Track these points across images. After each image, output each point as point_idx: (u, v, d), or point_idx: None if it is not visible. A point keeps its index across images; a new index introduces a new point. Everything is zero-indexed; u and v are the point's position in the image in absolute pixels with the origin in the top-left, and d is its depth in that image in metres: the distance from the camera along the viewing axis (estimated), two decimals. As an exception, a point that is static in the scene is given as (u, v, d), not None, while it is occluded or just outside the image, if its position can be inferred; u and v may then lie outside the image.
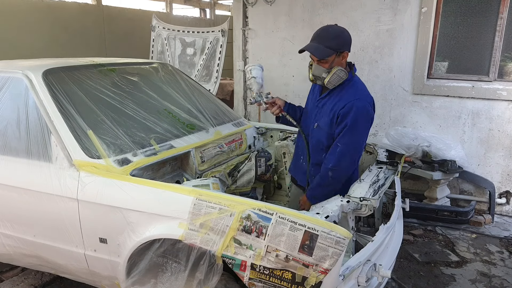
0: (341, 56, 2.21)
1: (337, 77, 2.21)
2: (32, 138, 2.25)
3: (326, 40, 2.18)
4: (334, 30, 2.21)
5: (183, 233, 1.84)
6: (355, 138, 2.19)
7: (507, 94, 3.92)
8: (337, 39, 2.19)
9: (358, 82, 2.30)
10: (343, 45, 2.20)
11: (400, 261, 3.28)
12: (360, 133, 2.20)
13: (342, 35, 2.20)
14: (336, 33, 2.19)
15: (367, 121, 2.21)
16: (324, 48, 2.17)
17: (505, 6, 3.84)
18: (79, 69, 2.62)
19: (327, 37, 2.19)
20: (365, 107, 2.17)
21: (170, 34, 5.57)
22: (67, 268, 2.32)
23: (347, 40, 2.22)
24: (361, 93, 2.23)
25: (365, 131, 2.23)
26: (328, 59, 2.19)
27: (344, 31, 2.23)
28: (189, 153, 2.53)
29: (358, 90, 2.24)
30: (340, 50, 2.19)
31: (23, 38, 5.97)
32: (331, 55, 2.18)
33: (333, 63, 2.21)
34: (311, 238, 1.68)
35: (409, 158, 4.02)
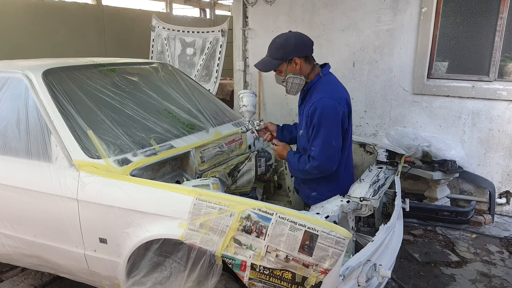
0: (293, 63, 2.20)
1: (291, 84, 2.23)
2: (32, 138, 2.25)
3: (273, 52, 2.22)
4: (280, 40, 2.22)
5: (183, 233, 1.84)
6: (325, 137, 2.15)
7: (507, 94, 3.92)
8: (282, 48, 2.19)
9: (325, 81, 2.27)
10: (290, 53, 2.18)
11: (400, 261, 3.28)
12: (329, 130, 2.14)
13: (286, 44, 2.19)
14: (281, 43, 2.20)
15: (334, 117, 2.14)
16: (271, 60, 2.22)
17: (505, 6, 3.84)
18: (79, 69, 2.62)
19: (273, 49, 2.23)
20: (328, 104, 2.13)
21: (170, 34, 5.57)
22: (67, 268, 2.32)
23: (293, 47, 2.19)
24: (325, 92, 2.19)
25: (334, 127, 2.16)
26: (280, 69, 2.23)
27: (288, 39, 2.20)
28: (189, 153, 2.53)
29: (323, 89, 2.21)
30: (288, 58, 2.19)
31: (23, 38, 5.97)
32: (278, 66, 2.21)
33: (286, 71, 2.22)
34: (311, 238, 1.68)
35: (409, 158, 4.02)
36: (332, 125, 2.15)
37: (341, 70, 4.59)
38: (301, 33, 2.28)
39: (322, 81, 2.26)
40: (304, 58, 2.22)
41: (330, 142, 2.15)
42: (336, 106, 2.14)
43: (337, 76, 4.88)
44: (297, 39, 2.21)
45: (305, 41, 2.23)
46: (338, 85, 2.31)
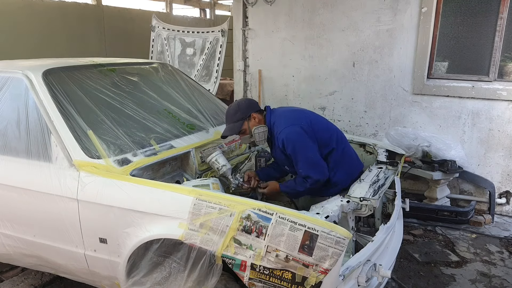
0: (251, 118, 2.53)
1: (258, 135, 2.53)
2: (32, 138, 2.25)
3: (232, 117, 2.54)
4: (233, 107, 2.58)
5: (183, 233, 1.84)
6: (303, 156, 2.41)
7: (507, 94, 3.92)
8: (238, 112, 2.53)
9: (275, 118, 2.54)
10: (245, 112, 2.52)
11: (400, 261, 3.28)
12: (302, 149, 2.40)
13: (239, 107, 2.54)
14: (235, 108, 2.55)
15: (299, 137, 2.41)
16: (234, 124, 2.52)
17: (505, 6, 3.84)
18: (79, 69, 2.62)
19: (231, 115, 2.55)
20: (288, 132, 2.41)
21: (170, 34, 5.57)
22: (67, 268, 2.32)
23: (246, 106, 2.55)
24: (280, 124, 2.48)
25: (304, 144, 2.41)
26: (244, 129, 2.53)
27: (240, 103, 2.59)
28: (189, 153, 2.53)
29: (277, 124, 2.50)
30: (246, 116, 2.52)
31: (23, 38, 5.97)
32: (241, 126, 2.52)
33: (249, 128, 2.53)
34: (311, 238, 1.68)
35: (409, 158, 4.02)
36: (301, 144, 2.40)
37: (341, 70, 4.59)
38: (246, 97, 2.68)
39: (274, 119, 2.54)
40: (258, 112, 2.55)
41: (308, 157, 2.41)
42: (294, 129, 2.41)
43: (337, 76, 4.92)
44: (246, 101, 2.60)
45: (252, 100, 2.63)
46: (286, 113, 2.58)
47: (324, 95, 4.74)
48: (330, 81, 4.68)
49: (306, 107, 4.83)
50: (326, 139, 2.50)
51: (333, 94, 4.69)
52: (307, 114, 2.59)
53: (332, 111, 4.74)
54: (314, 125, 2.49)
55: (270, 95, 5.09)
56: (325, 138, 2.50)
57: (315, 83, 4.77)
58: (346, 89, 4.62)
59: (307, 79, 4.81)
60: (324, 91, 4.73)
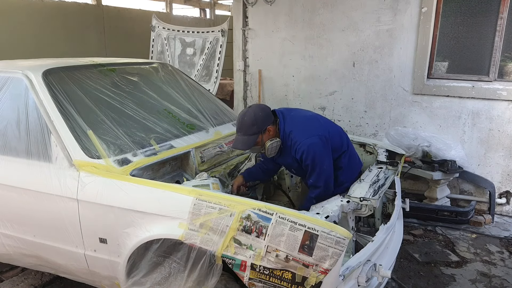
0: (266, 132, 2.38)
1: (271, 148, 2.39)
2: (32, 138, 2.25)
3: (247, 130, 2.36)
4: (249, 117, 2.36)
5: (183, 233, 1.84)
6: (319, 168, 2.35)
7: (507, 94, 3.92)
8: (255, 124, 2.34)
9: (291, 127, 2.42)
10: (262, 124, 2.36)
11: (400, 261, 3.28)
12: (320, 163, 2.35)
13: (257, 119, 2.35)
14: (251, 120, 2.34)
15: (320, 150, 2.34)
16: (248, 137, 2.36)
17: (505, 6, 3.84)
18: (79, 69, 2.62)
19: (246, 127, 2.36)
20: (309, 144, 2.32)
21: (170, 34, 5.57)
22: (67, 268, 2.32)
23: (263, 119, 2.37)
24: (298, 135, 2.38)
25: (323, 158, 2.36)
26: (257, 141, 2.39)
27: (257, 113, 2.37)
28: (189, 153, 2.53)
29: (295, 135, 2.39)
30: (262, 130, 2.37)
31: (23, 38, 5.97)
32: (256, 140, 2.37)
33: (263, 140, 2.40)
34: (311, 238, 1.68)
35: (409, 158, 4.02)
36: (320, 156, 2.34)
37: (341, 70, 4.59)
38: (259, 104, 2.53)
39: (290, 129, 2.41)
40: (272, 123, 2.41)
41: (324, 170, 2.36)
42: (315, 141, 2.33)
43: (337, 76, 4.91)
44: (263, 112, 2.39)
45: (267, 110, 2.43)
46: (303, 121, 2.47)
47: (324, 95, 4.74)
48: (330, 81, 4.68)
49: (306, 107, 4.84)
50: (339, 144, 2.48)
51: (333, 94, 4.69)
52: (321, 122, 2.52)
53: (332, 111, 4.74)
54: (330, 132, 2.45)
55: (270, 95, 5.09)
56: (338, 143, 2.48)
57: (315, 83, 4.77)
58: (346, 89, 4.62)
59: (307, 79, 4.81)
60: (324, 91, 4.73)
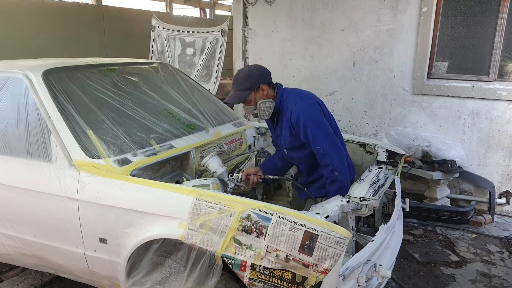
0: (260, 90, 2.36)
1: (263, 108, 2.38)
2: (32, 138, 2.25)
3: (240, 84, 2.38)
4: (243, 73, 2.39)
5: (183, 233, 1.84)
6: (321, 131, 2.31)
7: (507, 94, 3.92)
8: (248, 79, 2.35)
9: (289, 92, 2.43)
10: (256, 81, 2.35)
11: (400, 261, 3.28)
12: (321, 124, 2.31)
13: (251, 74, 2.36)
14: (245, 75, 2.37)
15: (316, 111, 2.32)
16: (240, 93, 2.37)
17: (505, 6, 3.84)
18: (79, 69, 2.62)
19: (239, 82, 2.38)
20: (305, 104, 2.31)
21: (170, 34, 5.56)
22: (67, 268, 2.32)
23: (257, 76, 2.37)
24: (294, 98, 2.36)
25: (323, 121, 2.33)
26: (249, 99, 2.37)
27: (252, 70, 2.40)
28: (189, 153, 2.53)
29: (291, 98, 2.38)
30: (255, 87, 2.35)
31: (23, 38, 5.97)
32: (249, 95, 2.36)
33: (256, 99, 2.38)
34: (311, 238, 1.68)
35: (409, 158, 4.02)
36: (319, 119, 2.32)
37: (341, 70, 4.59)
38: (258, 64, 2.52)
39: (286, 95, 2.41)
40: (268, 84, 2.39)
41: (327, 132, 2.31)
42: (311, 103, 2.33)
43: (337, 76, 4.92)
44: (258, 69, 2.42)
45: (265, 70, 2.44)
46: (301, 90, 2.49)
47: (324, 95, 4.74)
48: (330, 81, 4.68)
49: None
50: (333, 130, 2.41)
51: (333, 94, 4.69)
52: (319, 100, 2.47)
53: (332, 111, 4.70)
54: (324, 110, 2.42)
55: (270, 95, 5.08)
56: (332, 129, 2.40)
57: (315, 83, 4.76)
58: (346, 89, 4.62)
59: (307, 79, 4.81)
60: (324, 91, 4.73)
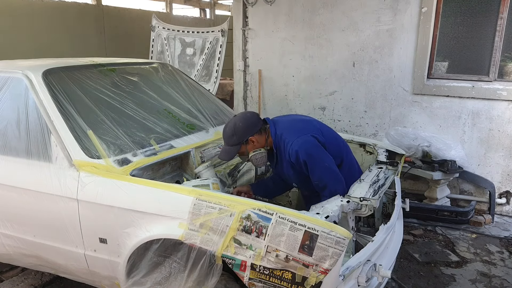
0: (249, 142, 2.35)
1: (256, 159, 2.38)
2: (32, 138, 2.25)
3: (228, 140, 2.36)
4: (230, 128, 2.35)
5: (183, 233, 1.84)
6: (319, 168, 2.28)
7: (507, 94, 3.92)
8: (235, 135, 2.33)
9: (282, 130, 2.38)
10: (242, 135, 2.33)
11: (400, 261, 3.28)
12: (319, 160, 2.28)
13: (236, 130, 2.32)
14: (231, 131, 2.33)
15: (312, 146, 2.28)
16: (230, 148, 2.35)
17: (505, 6, 3.84)
18: (79, 69, 2.62)
19: (227, 137, 2.36)
20: (301, 143, 2.27)
21: (170, 34, 5.57)
22: (67, 268, 2.32)
23: (243, 131, 2.33)
24: (290, 136, 2.32)
25: (320, 155, 2.29)
26: (241, 151, 2.38)
27: (237, 124, 2.33)
28: (189, 153, 2.53)
29: (286, 136, 2.34)
30: (244, 140, 2.34)
31: (23, 38, 5.97)
32: (238, 150, 2.36)
33: (247, 151, 2.37)
34: (311, 238, 1.68)
35: (409, 158, 4.02)
36: (317, 153, 2.28)
37: (341, 70, 4.59)
38: (245, 112, 2.46)
39: (281, 131, 2.37)
40: (258, 133, 2.36)
41: (326, 167, 2.28)
42: (307, 139, 2.28)
43: (337, 76, 4.92)
44: (244, 122, 2.35)
45: (251, 120, 2.37)
46: (294, 123, 2.44)
47: (324, 95, 4.74)
48: (330, 81, 4.68)
49: (306, 107, 4.84)
50: (336, 150, 2.40)
51: (333, 94, 4.69)
52: (315, 123, 2.47)
53: (332, 111, 4.74)
54: (325, 134, 2.39)
55: (270, 95, 5.09)
56: (335, 149, 2.40)
57: (315, 83, 4.77)
58: (346, 89, 4.62)
59: (307, 79, 4.81)
60: (324, 91, 4.73)
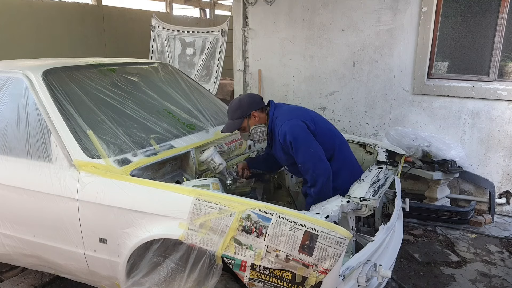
0: (251, 117, 2.50)
1: (256, 134, 2.51)
2: (32, 138, 2.25)
3: (232, 114, 2.52)
4: (234, 103, 2.55)
5: (183, 233, 1.84)
6: (304, 151, 2.34)
7: (507, 94, 3.92)
8: (239, 108, 2.49)
9: (278, 113, 2.50)
10: (246, 109, 2.49)
11: (400, 261, 3.28)
12: (304, 143, 2.35)
13: (241, 103, 2.51)
14: (236, 105, 2.52)
15: (301, 131, 2.36)
16: (233, 121, 2.51)
17: (505, 6, 3.84)
18: (79, 69, 2.62)
19: (231, 111, 2.53)
20: (290, 126, 2.36)
21: (170, 34, 5.57)
22: (67, 268, 2.32)
23: (247, 104, 2.50)
24: (282, 118, 2.44)
25: (306, 139, 2.36)
26: (243, 126, 2.51)
27: (242, 99, 2.54)
28: (189, 153, 2.53)
29: (280, 119, 2.45)
30: (246, 114, 2.49)
31: (23, 38, 5.97)
32: (242, 124, 2.50)
33: (249, 126, 2.51)
34: (311, 238, 1.68)
35: (409, 158, 4.02)
36: (304, 137, 2.35)
37: (341, 70, 4.59)
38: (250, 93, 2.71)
39: (277, 114, 2.49)
40: (260, 110, 2.51)
41: (310, 152, 2.34)
42: (297, 123, 2.37)
43: (337, 76, 4.91)
44: (248, 97, 2.56)
45: (255, 97, 2.57)
46: (292, 110, 2.55)
47: (324, 95, 4.74)
48: (330, 81, 4.68)
49: (306, 107, 4.83)
50: (328, 142, 2.45)
51: (333, 94, 4.69)
52: (311, 113, 2.57)
53: (332, 111, 4.74)
54: (317, 124, 2.46)
55: (270, 95, 5.08)
56: (328, 141, 2.45)
57: (315, 83, 4.77)
58: (346, 89, 4.62)
59: (307, 79, 4.81)
60: (324, 91, 4.73)
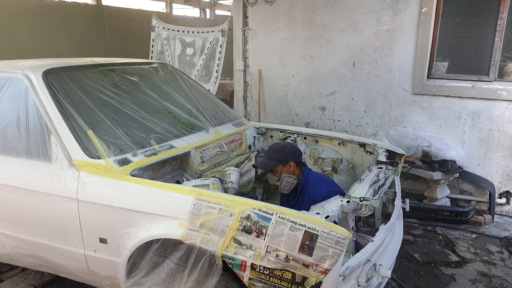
0: (287, 165, 2.52)
1: (286, 183, 2.51)
2: (32, 138, 2.25)
3: (272, 154, 2.56)
4: (278, 145, 2.64)
5: (183, 233, 1.84)
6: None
7: (507, 94, 3.92)
8: (280, 152, 2.54)
9: (312, 176, 2.57)
10: (286, 156, 2.52)
11: (400, 261, 3.28)
12: None
13: (284, 149, 2.56)
14: (279, 148, 2.58)
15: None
16: (270, 161, 2.54)
17: (505, 6, 3.84)
18: (79, 69, 2.62)
19: (272, 152, 2.57)
20: (328, 190, 2.39)
21: (170, 34, 5.57)
22: (67, 268, 2.32)
23: (289, 152, 2.55)
24: (319, 184, 2.49)
25: None
26: (276, 169, 2.53)
27: (286, 146, 2.62)
28: (189, 153, 2.53)
29: (316, 182, 2.51)
30: (284, 161, 2.51)
31: (23, 38, 5.97)
32: (276, 166, 2.52)
33: (281, 172, 2.53)
34: (311, 238, 1.68)
35: (409, 158, 4.02)
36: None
37: (341, 70, 4.59)
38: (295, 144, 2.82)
39: (311, 177, 2.55)
40: (296, 163, 2.54)
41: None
42: (333, 190, 2.40)
43: (337, 76, 4.93)
44: (293, 147, 2.63)
45: (298, 151, 2.62)
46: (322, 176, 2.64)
47: (324, 95, 4.74)
48: (330, 81, 4.68)
49: (306, 107, 4.85)
50: None
51: (333, 94, 4.69)
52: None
53: (332, 111, 4.74)
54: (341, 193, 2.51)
55: (270, 95, 5.09)
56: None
57: (315, 83, 4.77)
58: (346, 89, 4.62)
59: (307, 79, 4.81)
60: (324, 91, 4.73)
